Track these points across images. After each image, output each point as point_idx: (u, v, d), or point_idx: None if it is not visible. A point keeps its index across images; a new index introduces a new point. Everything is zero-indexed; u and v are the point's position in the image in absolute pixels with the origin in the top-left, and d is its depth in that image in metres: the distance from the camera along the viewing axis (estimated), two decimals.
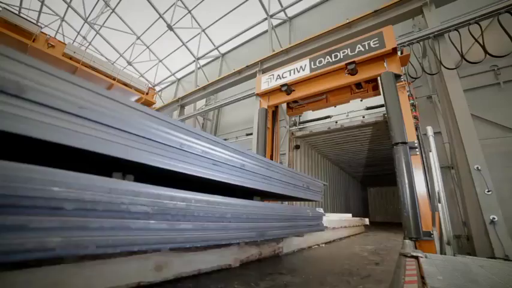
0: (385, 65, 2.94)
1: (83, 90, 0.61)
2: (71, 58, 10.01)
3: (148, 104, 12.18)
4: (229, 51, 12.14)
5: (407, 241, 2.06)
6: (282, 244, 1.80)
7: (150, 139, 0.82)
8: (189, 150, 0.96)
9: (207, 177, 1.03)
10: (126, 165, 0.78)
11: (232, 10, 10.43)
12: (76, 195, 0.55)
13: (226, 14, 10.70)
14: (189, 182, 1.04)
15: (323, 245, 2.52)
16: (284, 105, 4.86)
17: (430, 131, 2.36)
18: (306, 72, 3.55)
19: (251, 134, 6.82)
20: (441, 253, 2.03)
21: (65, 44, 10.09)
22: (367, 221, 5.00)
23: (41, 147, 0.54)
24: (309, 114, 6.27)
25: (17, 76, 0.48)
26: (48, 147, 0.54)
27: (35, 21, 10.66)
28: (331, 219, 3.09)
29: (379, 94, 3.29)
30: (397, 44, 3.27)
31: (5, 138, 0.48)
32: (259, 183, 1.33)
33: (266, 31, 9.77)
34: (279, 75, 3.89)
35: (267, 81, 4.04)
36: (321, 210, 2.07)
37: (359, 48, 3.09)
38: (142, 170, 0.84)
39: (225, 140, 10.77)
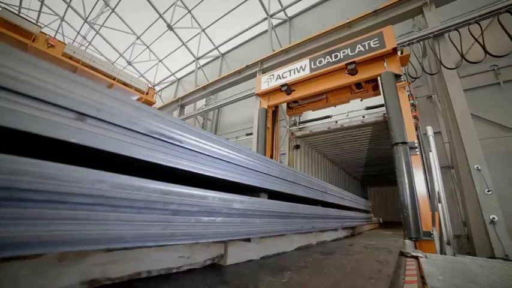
0: (385, 65, 2.94)
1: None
2: (70, 58, 10.02)
3: (148, 103, 12.19)
4: (229, 51, 12.14)
5: (407, 241, 2.06)
6: (356, 229, 3.45)
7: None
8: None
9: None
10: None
11: (232, 10, 10.42)
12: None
13: (226, 14, 10.70)
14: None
15: (367, 231, 4.20)
16: (284, 105, 4.86)
17: (430, 131, 2.36)
18: (306, 72, 3.55)
19: (251, 133, 6.81)
20: (441, 253, 2.04)
21: (65, 44, 10.08)
22: (381, 220, 6.97)
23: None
24: (309, 114, 6.27)
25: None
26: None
27: (34, 21, 10.66)
28: None
29: (379, 94, 3.29)
30: (397, 44, 3.26)
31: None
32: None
33: (266, 31, 9.77)
34: (279, 75, 3.89)
35: (267, 81, 4.04)
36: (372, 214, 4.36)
37: (359, 48, 3.09)
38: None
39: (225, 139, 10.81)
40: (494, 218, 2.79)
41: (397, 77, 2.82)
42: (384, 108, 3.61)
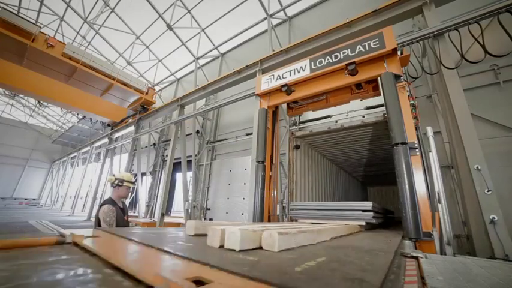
0: (385, 66, 2.94)
1: None
2: (70, 58, 10.01)
3: (148, 103, 12.19)
4: (229, 51, 12.13)
5: (407, 241, 2.06)
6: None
7: None
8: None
9: None
10: None
11: (232, 10, 10.42)
12: None
13: (225, 14, 10.69)
14: None
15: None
16: (284, 105, 4.85)
17: (430, 131, 2.35)
18: (306, 73, 3.55)
19: (251, 133, 6.82)
20: (441, 253, 2.04)
21: (64, 44, 10.08)
22: None
23: None
24: (309, 114, 6.27)
25: None
26: None
27: (34, 21, 10.65)
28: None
29: (379, 94, 3.29)
30: (397, 44, 3.26)
31: None
32: None
33: (266, 31, 9.76)
34: (279, 75, 3.89)
35: (267, 82, 4.04)
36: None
37: (359, 48, 3.08)
38: None
39: (225, 139, 10.71)
40: (494, 218, 2.79)
41: (397, 77, 2.81)
42: (383, 108, 3.61)
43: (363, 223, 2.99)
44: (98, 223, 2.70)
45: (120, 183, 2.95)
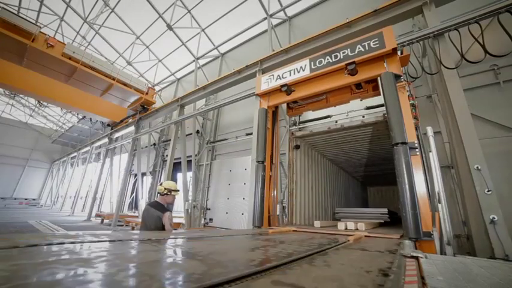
0: (385, 65, 2.94)
1: None
2: (70, 58, 10.01)
3: (148, 103, 12.19)
4: (229, 51, 12.13)
5: (407, 241, 2.06)
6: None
7: None
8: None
9: None
10: None
11: (232, 10, 10.41)
12: None
13: (225, 14, 10.69)
14: None
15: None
16: (284, 105, 4.86)
17: (430, 131, 2.35)
18: (306, 73, 3.55)
19: (251, 133, 6.81)
20: (441, 253, 2.04)
21: (64, 44, 10.08)
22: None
23: None
24: (309, 114, 6.27)
25: None
26: None
27: (34, 21, 10.64)
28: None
29: (379, 94, 3.29)
30: (397, 44, 3.26)
31: None
32: None
33: (266, 31, 9.76)
34: (279, 75, 3.89)
35: (267, 82, 4.04)
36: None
37: (359, 48, 3.09)
38: None
39: (225, 139, 10.68)
40: (494, 218, 2.79)
41: (397, 77, 2.82)
42: (384, 108, 3.61)
43: (381, 221, 4.99)
44: (161, 225, 3.01)
45: (168, 193, 3.33)
